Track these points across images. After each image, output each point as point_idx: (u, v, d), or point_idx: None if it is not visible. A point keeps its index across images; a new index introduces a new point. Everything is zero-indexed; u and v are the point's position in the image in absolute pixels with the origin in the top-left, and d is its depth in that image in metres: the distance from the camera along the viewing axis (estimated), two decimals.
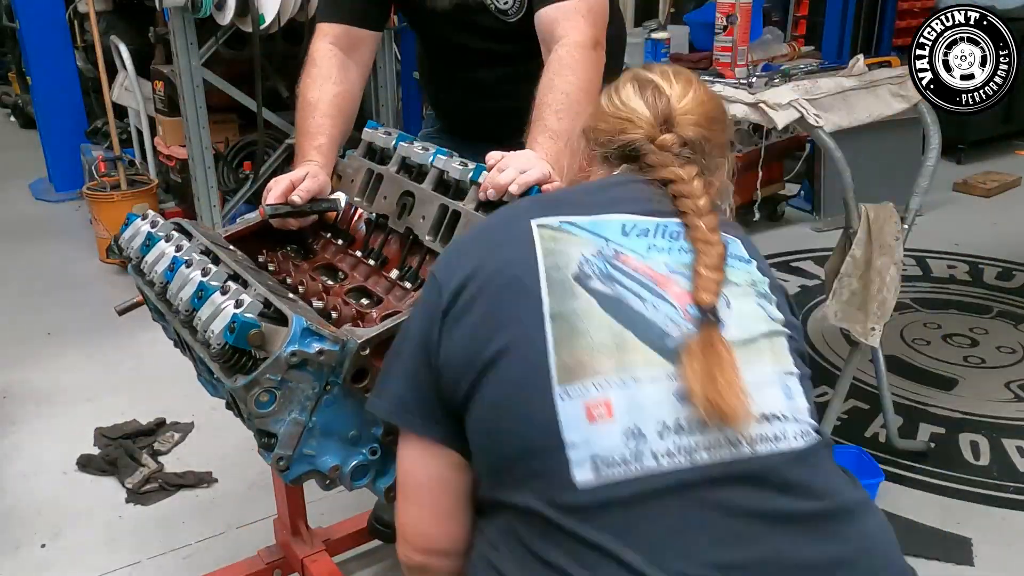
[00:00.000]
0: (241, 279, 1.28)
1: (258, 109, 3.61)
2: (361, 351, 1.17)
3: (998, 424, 2.65)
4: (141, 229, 1.46)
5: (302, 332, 1.12)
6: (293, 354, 1.11)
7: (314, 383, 1.15)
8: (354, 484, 1.26)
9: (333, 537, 1.99)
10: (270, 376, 1.11)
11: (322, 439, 1.20)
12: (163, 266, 1.35)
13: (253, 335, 1.12)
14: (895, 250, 2.21)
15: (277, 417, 1.14)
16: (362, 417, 1.22)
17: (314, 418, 1.17)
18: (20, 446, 2.62)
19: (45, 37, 4.71)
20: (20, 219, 4.71)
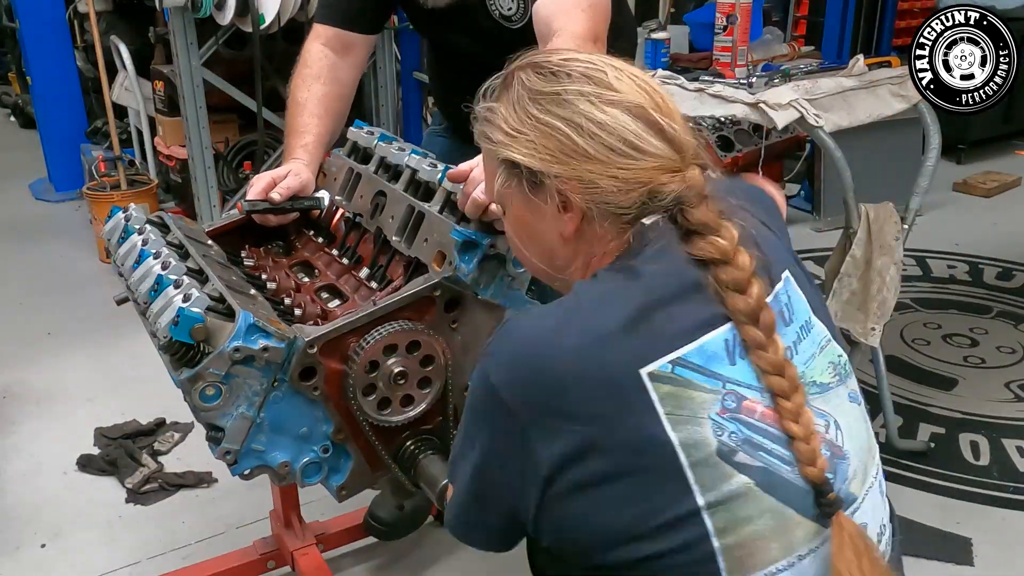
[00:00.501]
0: (203, 274, 1.28)
1: (258, 109, 3.61)
2: (308, 349, 1.18)
3: (998, 424, 2.65)
4: (119, 223, 1.47)
5: (248, 328, 1.13)
6: (236, 350, 1.12)
7: (262, 379, 1.17)
8: (306, 481, 1.28)
9: (328, 532, 2.01)
10: (213, 370, 1.12)
11: (271, 435, 1.21)
12: (131, 259, 1.36)
13: (196, 329, 1.13)
14: (895, 250, 2.21)
15: (224, 411, 1.16)
16: (312, 414, 1.23)
17: (262, 414, 1.19)
18: (20, 446, 2.62)
19: (45, 37, 4.70)
20: (20, 219, 4.70)
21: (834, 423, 0.91)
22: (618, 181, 0.89)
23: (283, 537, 1.92)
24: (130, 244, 1.40)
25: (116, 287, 1.49)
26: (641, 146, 0.88)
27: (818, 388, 0.92)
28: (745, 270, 0.87)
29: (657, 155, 0.89)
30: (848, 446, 0.91)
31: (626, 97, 0.89)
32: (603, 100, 0.88)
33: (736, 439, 0.85)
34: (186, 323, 1.12)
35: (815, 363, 0.93)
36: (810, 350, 0.94)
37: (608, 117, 0.88)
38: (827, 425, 0.90)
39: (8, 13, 5.18)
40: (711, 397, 0.85)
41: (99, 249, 3.93)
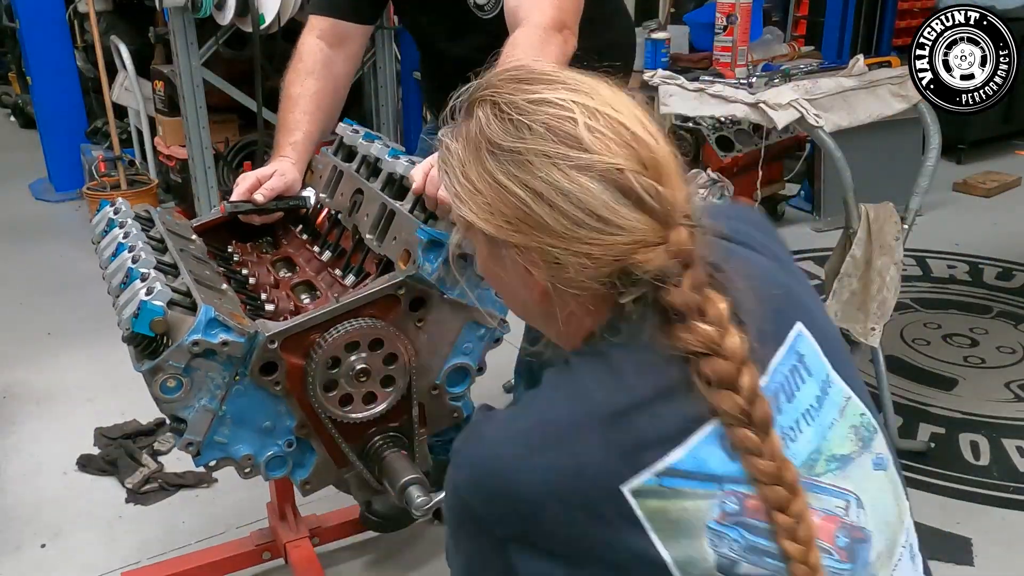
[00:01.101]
0: (176, 268, 1.29)
1: (258, 109, 3.61)
2: (269, 344, 1.19)
3: (998, 424, 2.65)
4: (105, 216, 1.49)
5: (208, 322, 1.15)
6: (195, 343, 1.14)
7: (223, 373, 1.18)
8: (270, 475, 1.29)
9: (324, 525, 2.02)
10: (173, 363, 1.15)
11: (234, 428, 1.23)
12: (109, 252, 1.37)
13: (156, 322, 1.15)
14: (895, 250, 2.21)
15: (185, 403, 1.19)
16: (274, 409, 1.24)
17: (224, 407, 1.21)
18: (20, 446, 2.62)
19: (45, 37, 4.70)
20: (20, 219, 4.70)
21: (855, 502, 0.81)
22: (583, 258, 0.75)
23: (278, 529, 1.94)
24: (111, 237, 1.42)
25: None
26: (612, 219, 0.74)
27: (838, 463, 0.81)
28: (734, 358, 0.75)
29: (631, 229, 0.74)
30: (872, 524, 0.82)
31: (597, 159, 0.74)
32: (569, 164, 0.74)
33: (738, 548, 0.76)
34: (146, 315, 1.14)
35: (834, 432, 0.82)
36: (829, 416, 0.83)
37: (574, 186, 0.74)
38: (847, 506, 0.81)
39: (8, 13, 5.18)
40: (707, 504, 0.76)
41: None
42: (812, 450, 0.80)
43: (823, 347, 0.85)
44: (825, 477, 0.80)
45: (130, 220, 1.46)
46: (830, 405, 0.83)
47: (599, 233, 0.74)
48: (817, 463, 0.80)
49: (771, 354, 0.82)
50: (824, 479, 0.80)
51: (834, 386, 0.85)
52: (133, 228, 1.42)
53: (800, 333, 0.84)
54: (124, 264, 1.30)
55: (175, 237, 1.44)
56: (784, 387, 0.81)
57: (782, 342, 0.83)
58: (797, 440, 0.80)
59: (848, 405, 0.85)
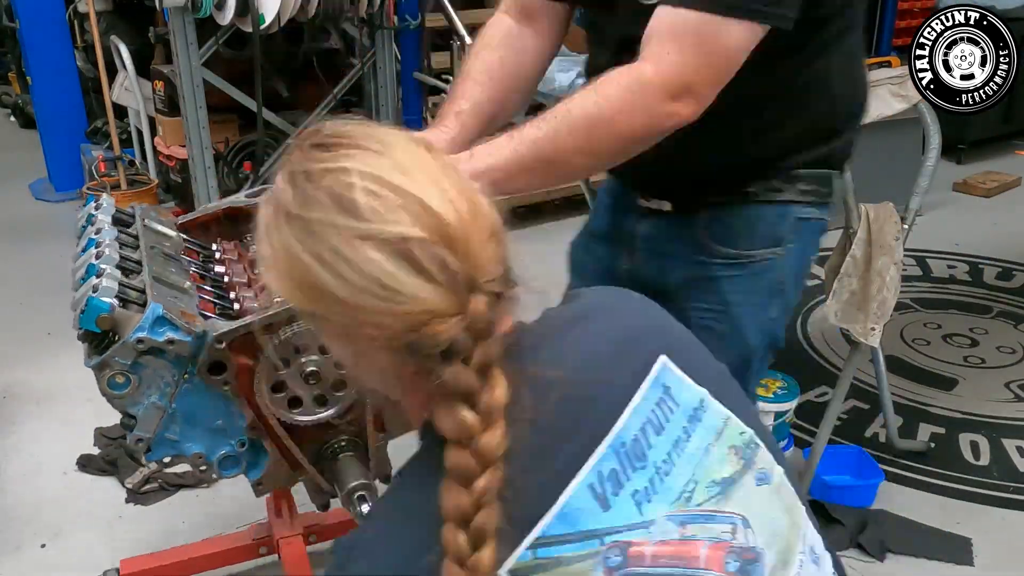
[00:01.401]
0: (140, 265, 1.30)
1: (258, 109, 3.61)
2: (216, 344, 1.19)
3: (998, 424, 2.65)
4: (87, 212, 1.53)
5: (155, 320, 1.16)
6: (140, 341, 1.15)
7: (173, 371, 1.19)
8: (224, 473, 1.30)
9: (323, 524, 2.00)
10: (119, 359, 1.16)
11: (185, 426, 1.24)
12: (80, 247, 1.40)
13: (102, 318, 1.17)
14: (895, 250, 2.21)
15: (134, 400, 1.20)
16: (225, 409, 1.25)
17: (174, 404, 1.22)
18: (20, 446, 2.62)
19: (45, 37, 4.70)
20: (20, 219, 4.70)
21: (742, 522, 0.80)
22: (373, 328, 0.72)
23: (272, 524, 1.94)
24: (85, 234, 1.42)
25: None
26: (397, 289, 0.70)
27: (719, 487, 0.80)
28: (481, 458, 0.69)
29: (418, 300, 0.70)
30: (761, 541, 0.81)
31: (378, 229, 0.71)
32: (352, 233, 0.71)
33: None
34: (92, 312, 1.17)
35: (711, 456, 0.81)
36: (703, 442, 0.81)
37: (356, 255, 0.71)
38: (733, 529, 0.79)
39: (8, 13, 5.18)
40: (590, 564, 0.73)
41: None
42: (687, 480, 0.79)
43: (694, 374, 0.84)
44: (707, 504, 0.79)
45: (106, 217, 1.46)
46: (704, 430, 0.82)
47: (386, 301, 0.71)
48: (695, 492, 0.79)
49: (635, 387, 0.80)
50: (706, 506, 0.79)
51: (709, 410, 0.83)
52: (105, 224, 1.43)
53: (664, 366, 0.83)
54: (87, 260, 1.31)
55: (150, 234, 1.45)
56: (652, 421, 0.79)
57: (646, 374, 0.81)
58: (671, 473, 0.78)
59: (727, 426, 0.84)
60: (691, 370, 0.84)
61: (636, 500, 0.75)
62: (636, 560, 0.74)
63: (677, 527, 0.76)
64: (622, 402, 0.79)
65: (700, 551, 0.76)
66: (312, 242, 0.73)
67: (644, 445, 0.77)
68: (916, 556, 2.09)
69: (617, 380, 0.80)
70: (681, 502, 0.77)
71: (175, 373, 1.20)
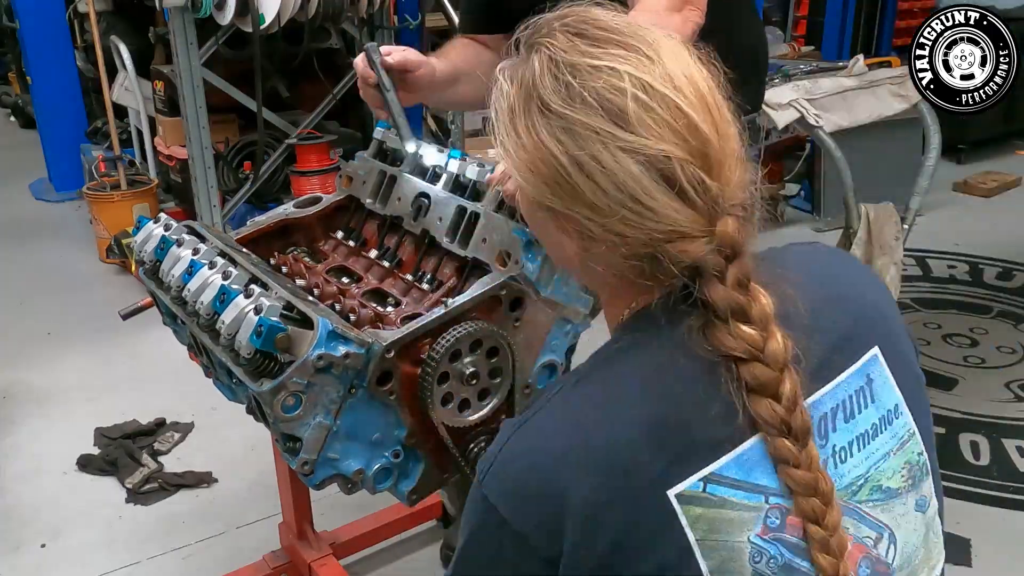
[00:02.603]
0: (261, 282, 1.27)
1: (258, 109, 3.61)
2: (386, 354, 1.16)
3: (998, 424, 2.65)
4: (154, 232, 1.44)
5: (328, 335, 1.11)
6: (320, 357, 1.10)
7: (339, 386, 1.15)
8: (377, 487, 1.25)
9: (339, 540, 1.98)
10: (296, 380, 1.10)
11: (346, 442, 1.19)
12: (180, 269, 1.34)
13: (280, 339, 1.11)
14: (895, 250, 2.22)
15: (302, 421, 1.14)
16: (385, 419, 1.22)
17: (339, 421, 1.17)
18: (20, 446, 2.62)
19: (45, 37, 4.71)
20: (20, 219, 4.70)
21: (888, 536, 0.80)
22: (616, 236, 0.73)
23: (296, 549, 1.90)
24: (174, 255, 1.37)
25: (116, 287, 1.48)
26: (649, 204, 0.71)
27: (882, 495, 0.80)
28: (775, 364, 0.72)
29: (670, 219, 0.72)
30: (898, 563, 0.81)
31: (644, 144, 0.70)
32: (616, 144, 0.71)
33: (774, 566, 0.74)
34: (271, 333, 1.11)
35: (888, 463, 0.81)
36: (887, 446, 0.81)
37: (616, 166, 0.71)
38: (878, 539, 0.80)
39: (8, 13, 5.19)
40: (751, 516, 0.74)
41: (99, 249, 3.92)
42: (858, 475, 0.79)
43: (898, 379, 0.83)
44: (865, 505, 0.79)
45: (189, 236, 1.41)
46: (890, 436, 0.81)
47: (636, 216, 0.72)
48: (861, 490, 0.79)
49: (840, 368, 0.80)
50: (864, 507, 0.79)
51: (901, 418, 0.83)
52: (199, 244, 1.38)
53: (875, 357, 0.82)
54: (213, 282, 1.26)
55: (236, 251, 1.42)
56: (844, 405, 0.79)
57: (855, 360, 0.81)
58: (846, 462, 0.78)
59: (911, 441, 0.83)
60: (896, 371, 0.83)
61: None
62: (792, 529, 0.75)
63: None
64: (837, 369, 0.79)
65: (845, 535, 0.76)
66: (572, 143, 0.72)
67: (829, 426, 0.78)
68: None
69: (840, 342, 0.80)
70: (847, 493, 0.78)
71: (340, 389, 1.15)
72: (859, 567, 0.78)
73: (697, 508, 0.73)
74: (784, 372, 0.72)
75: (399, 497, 1.29)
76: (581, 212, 0.74)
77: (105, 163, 3.98)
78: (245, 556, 2.03)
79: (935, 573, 0.87)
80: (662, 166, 0.71)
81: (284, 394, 1.11)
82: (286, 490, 1.86)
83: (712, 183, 0.72)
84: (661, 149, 0.70)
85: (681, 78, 0.73)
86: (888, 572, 0.80)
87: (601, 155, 0.71)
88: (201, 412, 2.68)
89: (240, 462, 2.46)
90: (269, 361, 1.16)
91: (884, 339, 0.83)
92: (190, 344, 1.42)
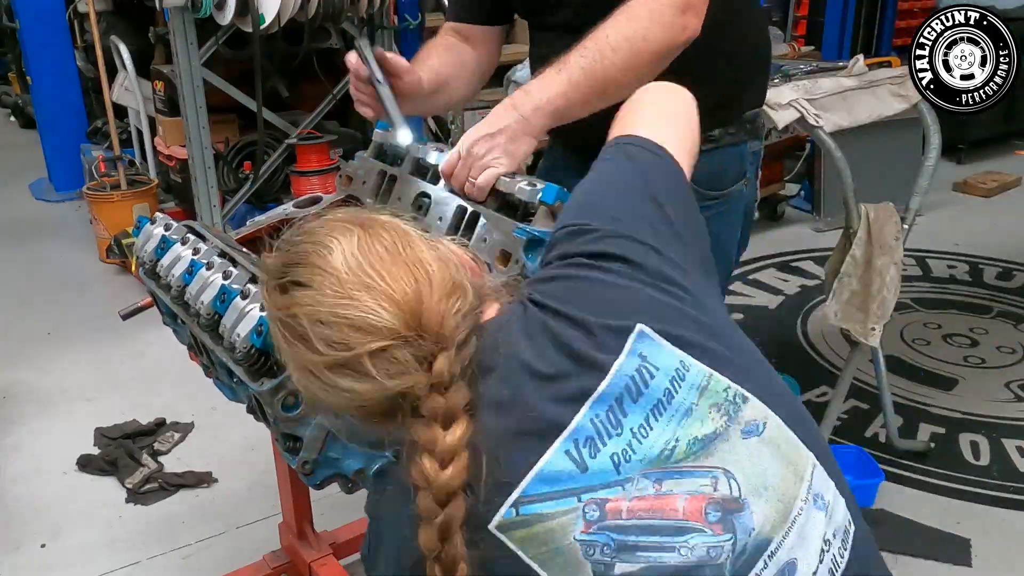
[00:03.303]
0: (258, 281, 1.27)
1: (258, 109, 3.61)
2: None
3: (998, 424, 2.65)
4: (154, 232, 1.44)
5: None
6: None
7: None
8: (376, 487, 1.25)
9: (339, 540, 1.97)
10: None
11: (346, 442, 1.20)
12: (180, 269, 1.34)
13: None
14: (895, 250, 2.21)
15: (303, 421, 1.14)
16: None
17: (339, 421, 1.17)
18: (20, 446, 2.62)
19: (45, 37, 4.70)
20: (20, 219, 4.70)
21: (724, 475, 0.84)
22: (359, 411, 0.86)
23: (297, 549, 1.90)
24: (174, 254, 1.37)
25: (116, 287, 1.48)
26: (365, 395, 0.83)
27: (700, 443, 0.84)
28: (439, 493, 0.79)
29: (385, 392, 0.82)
30: (747, 493, 0.84)
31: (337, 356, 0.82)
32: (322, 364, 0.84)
33: (609, 551, 0.80)
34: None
35: (692, 417, 0.85)
36: (686, 402, 0.85)
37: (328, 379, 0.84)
38: (714, 482, 0.84)
39: (8, 13, 5.18)
40: (569, 519, 0.80)
41: (99, 249, 3.92)
42: (667, 439, 0.83)
43: (672, 339, 0.87)
44: (687, 461, 0.83)
45: (190, 236, 1.41)
46: (687, 390, 0.86)
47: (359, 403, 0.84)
48: (676, 451, 0.83)
49: (611, 358, 0.85)
50: (686, 463, 0.83)
51: (692, 370, 0.86)
52: (199, 244, 1.38)
53: (640, 333, 0.86)
54: (213, 281, 1.26)
55: (237, 251, 1.41)
56: (629, 388, 0.84)
57: (622, 345, 0.85)
58: (648, 436, 0.83)
59: (710, 383, 0.87)
60: (668, 335, 0.87)
61: (615, 461, 0.81)
62: (614, 514, 0.80)
63: (652, 483, 0.82)
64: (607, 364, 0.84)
65: (678, 503, 0.82)
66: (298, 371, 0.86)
67: (619, 414, 0.83)
68: (915, 556, 2.09)
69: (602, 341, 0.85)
70: (659, 461, 0.83)
71: None
72: (706, 515, 0.82)
73: (519, 531, 0.80)
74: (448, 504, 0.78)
75: None
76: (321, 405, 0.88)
77: (105, 163, 3.98)
78: (245, 556, 2.03)
79: (805, 491, 0.88)
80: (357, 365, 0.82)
81: (284, 393, 1.11)
82: (286, 490, 1.86)
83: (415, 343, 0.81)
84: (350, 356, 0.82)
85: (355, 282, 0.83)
86: (740, 504, 0.84)
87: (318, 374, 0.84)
88: (201, 412, 2.68)
89: (240, 462, 2.46)
90: (269, 360, 1.16)
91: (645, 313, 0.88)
92: (190, 344, 1.42)
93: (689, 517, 0.82)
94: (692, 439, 0.84)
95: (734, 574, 0.82)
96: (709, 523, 0.82)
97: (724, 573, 0.81)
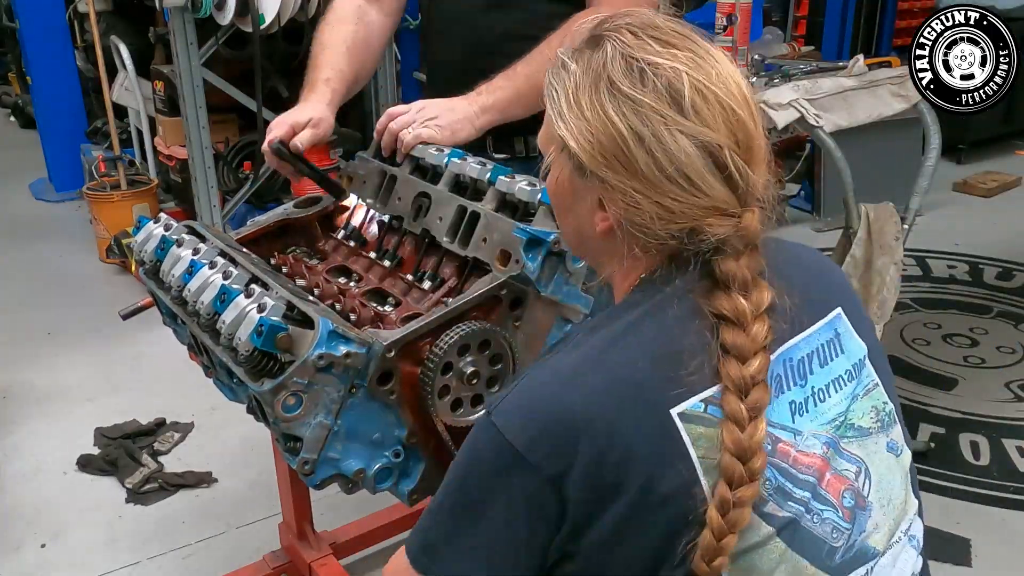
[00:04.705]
0: (261, 282, 1.27)
1: (258, 109, 3.61)
2: (387, 353, 1.16)
3: (998, 424, 2.65)
4: (154, 232, 1.44)
5: (329, 335, 1.11)
6: (320, 357, 1.10)
7: (339, 386, 1.14)
8: (377, 487, 1.25)
9: (339, 540, 1.98)
10: (297, 380, 1.10)
11: (347, 442, 1.19)
12: (180, 269, 1.34)
13: (281, 338, 1.11)
14: (895, 250, 2.22)
15: (303, 421, 1.14)
16: (385, 419, 1.21)
17: (339, 421, 1.17)
18: (20, 446, 2.62)
19: (45, 37, 4.70)
20: (20, 219, 4.70)
21: (865, 471, 0.88)
22: (662, 209, 0.82)
23: (297, 549, 1.90)
24: (174, 255, 1.37)
25: (116, 287, 1.48)
26: (698, 184, 0.81)
27: (856, 432, 0.88)
28: (754, 342, 0.80)
29: (712, 197, 0.81)
30: (873, 497, 0.88)
31: (701, 132, 0.80)
32: (677, 127, 0.80)
33: (769, 488, 0.81)
34: (271, 332, 1.10)
35: (858, 405, 0.90)
36: (857, 391, 0.90)
37: (674, 145, 0.80)
38: (857, 471, 0.87)
39: (8, 13, 5.19)
40: None
41: (99, 249, 3.92)
42: (840, 412, 0.87)
43: (859, 333, 0.93)
44: (843, 440, 0.87)
45: (189, 236, 1.41)
46: (858, 383, 0.91)
47: (684, 192, 0.81)
48: (842, 426, 0.87)
49: (813, 320, 0.89)
50: (843, 443, 0.87)
51: (867, 368, 0.92)
52: (200, 244, 1.38)
53: (840, 315, 0.92)
54: (213, 282, 1.26)
55: (236, 251, 1.41)
56: (819, 352, 0.88)
57: (824, 315, 0.91)
58: (826, 401, 0.87)
59: (875, 390, 0.93)
60: (859, 330, 0.93)
61: (792, 409, 0.84)
62: (782, 456, 0.83)
63: (821, 445, 0.85)
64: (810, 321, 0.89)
65: (827, 474, 0.84)
66: (637, 120, 0.81)
67: (807, 368, 0.87)
68: None
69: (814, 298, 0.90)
70: (831, 427, 0.86)
71: (341, 389, 1.15)
72: (842, 497, 0.85)
73: (698, 427, 0.79)
74: (759, 351, 0.81)
75: (400, 497, 1.29)
76: (632, 184, 0.82)
77: (105, 163, 3.98)
78: (245, 556, 2.03)
79: (908, 525, 0.93)
80: (714, 152, 0.80)
81: (285, 394, 1.11)
82: (286, 490, 1.86)
83: (750, 174, 0.82)
84: (715, 138, 0.80)
85: (730, 82, 0.83)
86: (865, 506, 0.87)
87: (662, 134, 0.80)
88: (201, 412, 2.68)
89: (240, 462, 2.46)
90: (270, 361, 1.16)
91: (846, 302, 0.94)
92: (190, 344, 1.42)
93: (830, 491, 0.84)
94: (854, 425, 0.89)
95: (838, 567, 0.84)
96: (843, 506, 0.85)
97: (835, 558, 0.84)
